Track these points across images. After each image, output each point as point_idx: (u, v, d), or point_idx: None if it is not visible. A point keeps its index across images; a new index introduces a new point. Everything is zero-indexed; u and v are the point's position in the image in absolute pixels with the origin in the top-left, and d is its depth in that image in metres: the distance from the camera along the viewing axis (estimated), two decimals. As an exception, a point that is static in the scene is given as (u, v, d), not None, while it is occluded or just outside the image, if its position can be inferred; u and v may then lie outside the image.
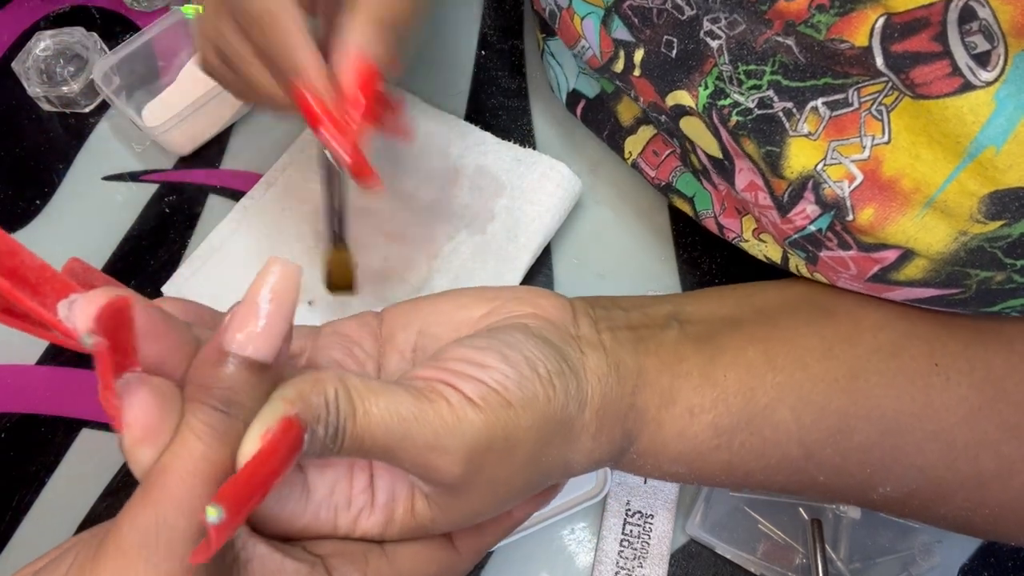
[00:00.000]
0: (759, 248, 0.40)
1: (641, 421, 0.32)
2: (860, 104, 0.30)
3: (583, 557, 0.44)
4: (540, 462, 0.29)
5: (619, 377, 0.31)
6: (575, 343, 0.31)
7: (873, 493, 0.35)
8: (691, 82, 0.35)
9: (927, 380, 0.33)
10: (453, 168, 0.50)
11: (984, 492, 0.34)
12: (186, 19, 0.51)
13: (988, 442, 0.33)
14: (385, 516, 0.28)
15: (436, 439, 0.25)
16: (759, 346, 0.34)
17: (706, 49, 0.34)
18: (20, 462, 0.45)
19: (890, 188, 0.31)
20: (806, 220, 0.33)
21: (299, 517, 0.27)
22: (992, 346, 0.34)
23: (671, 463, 0.33)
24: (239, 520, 0.21)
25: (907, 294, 0.34)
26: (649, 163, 0.46)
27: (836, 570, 0.43)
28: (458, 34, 0.56)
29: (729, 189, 0.37)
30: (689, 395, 0.33)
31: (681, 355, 0.33)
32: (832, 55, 0.30)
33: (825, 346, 0.34)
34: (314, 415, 0.23)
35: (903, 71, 0.29)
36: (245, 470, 0.22)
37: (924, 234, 0.31)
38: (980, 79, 0.27)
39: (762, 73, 0.32)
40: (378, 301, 0.46)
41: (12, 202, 0.51)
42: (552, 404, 0.28)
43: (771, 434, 0.33)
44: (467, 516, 0.29)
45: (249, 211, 0.48)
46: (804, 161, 0.32)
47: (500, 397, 0.27)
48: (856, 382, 0.33)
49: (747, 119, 0.33)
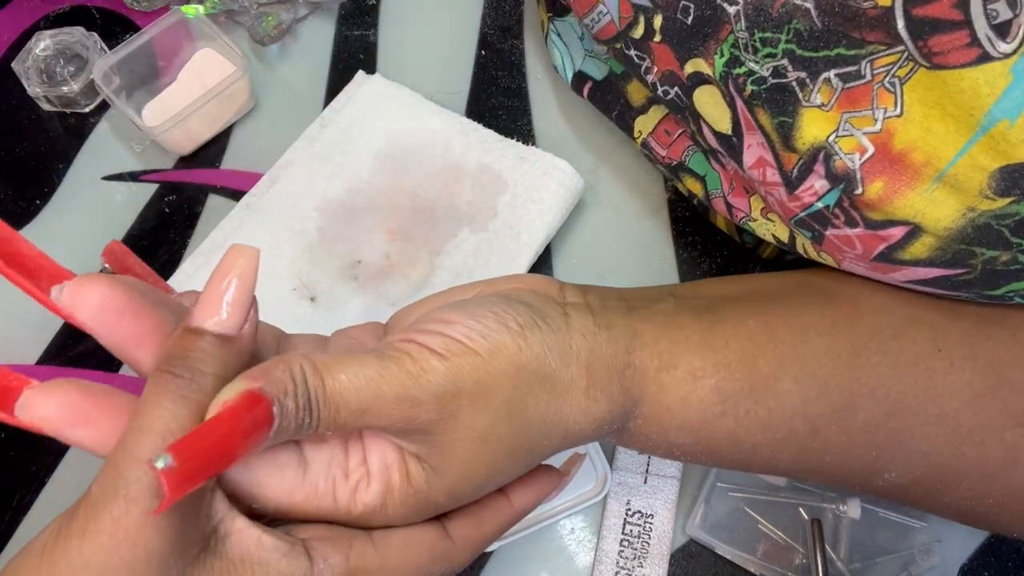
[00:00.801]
0: (767, 227, 0.40)
1: (642, 381, 0.32)
2: (873, 76, 0.30)
3: (583, 557, 0.44)
4: (526, 414, 0.29)
5: (610, 336, 0.31)
6: (559, 307, 0.31)
7: (878, 479, 0.35)
8: (707, 50, 0.35)
9: (930, 363, 0.33)
10: (456, 165, 0.50)
11: (989, 481, 0.34)
12: (186, 19, 0.51)
13: (993, 429, 0.33)
14: (382, 484, 0.28)
15: (405, 390, 0.26)
16: (759, 318, 0.34)
17: (723, 15, 0.33)
18: (20, 462, 0.45)
19: (901, 161, 0.30)
20: (813, 196, 0.33)
21: (297, 488, 0.27)
22: (996, 335, 0.34)
23: (677, 431, 0.33)
24: (195, 476, 0.22)
25: (912, 274, 0.33)
26: (661, 142, 0.45)
27: (836, 570, 0.43)
28: (458, 34, 0.57)
29: (736, 169, 0.37)
30: (690, 359, 0.32)
31: (679, 323, 0.33)
32: (852, 16, 0.30)
33: (826, 323, 0.34)
34: (280, 388, 0.24)
35: (921, 38, 0.29)
36: (200, 428, 0.23)
37: (932, 208, 0.31)
38: (999, 50, 0.27)
39: (777, 41, 0.32)
40: (379, 298, 0.46)
41: (12, 202, 0.51)
42: (524, 353, 0.29)
43: (775, 404, 0.33)
44: (463, 475, 0.28)
45: (252, 208, 0.48)
46: (816, 132, 0.32)
47: (463, 346, 0.28)
48: (858, 359, 0.33)
49: (761, 88, 0.33)
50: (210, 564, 0.25)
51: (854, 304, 0.35)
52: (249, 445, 0.23)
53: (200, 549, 0.25)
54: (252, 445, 0.24)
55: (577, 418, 0.30)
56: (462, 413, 0.27)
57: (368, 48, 0.56)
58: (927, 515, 0.44)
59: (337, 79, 0.55)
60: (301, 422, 0.25)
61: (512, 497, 0.32)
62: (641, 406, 0.32)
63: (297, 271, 0.47)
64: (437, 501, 0.29)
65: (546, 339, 0.30)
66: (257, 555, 0.25)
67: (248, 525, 0.26)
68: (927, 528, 0.44)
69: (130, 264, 0.29)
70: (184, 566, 0.24)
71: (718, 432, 0.33)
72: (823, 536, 0.43)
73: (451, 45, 0.56)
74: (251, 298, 0.26)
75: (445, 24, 0.57)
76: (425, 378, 0.27)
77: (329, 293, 0.46)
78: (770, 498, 0.44)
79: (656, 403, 0.32)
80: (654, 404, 0.32)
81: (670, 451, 0.34)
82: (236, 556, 0.25)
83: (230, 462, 0.23)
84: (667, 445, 0.33)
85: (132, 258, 0.30)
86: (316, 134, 0.51)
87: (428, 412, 0.27)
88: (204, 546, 0.25)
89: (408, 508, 0.28)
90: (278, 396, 0.24)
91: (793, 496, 0.44)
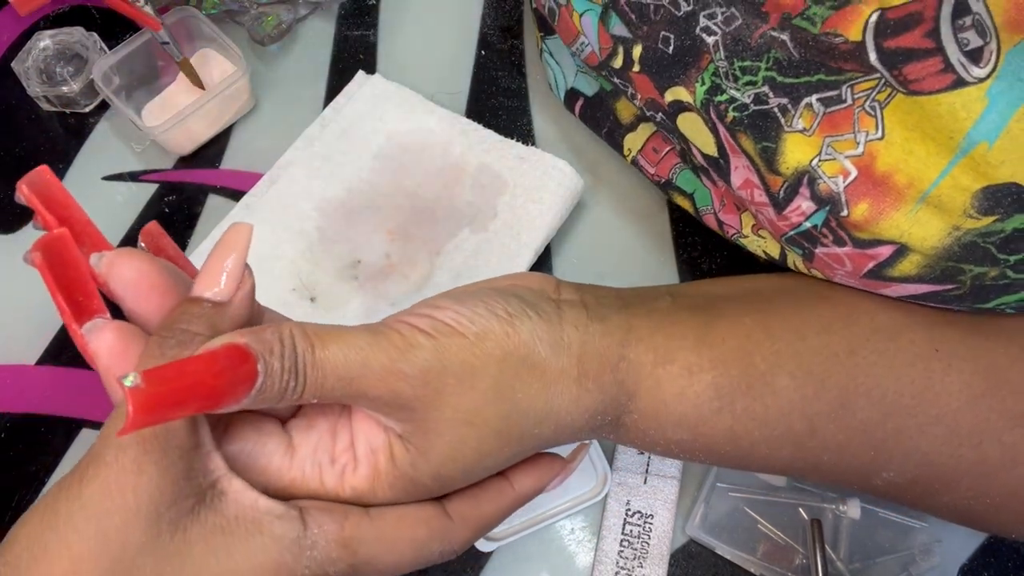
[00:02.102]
0: (758, 244, 0.40)
1: (637, 375, 0.32)
2: (854, 100, 0.31)
3: (583, 557, 0.44)
4: (514, 399, 0.29)
5: (604, 329, 0.32)
6: (553, 302, 0.32)
7: (876, 479, 0.35)
8: (688, 78, 0.35)
9: (927, 364, 0.33)
10: (456, 166, 0.50)
11: (987, 481, 0.34)
12: (187, 19, 0.51)
13: (991, 429, 0.33)
14: (370, 468, 0.28)
15: (392, 363, 0.27)
16: (756, 317, 0.34)
17: (702, 45, 0.34)
18: (20, 462, 0.45)
19: (884, 183, 0.31)
20: (801, 216, 0.34)
21: (285, 472, 0.28)
22: (993, 338, 0.34)
23: (674, 427, 0.33)
24: (163, 406, 0.23)
25: (902, 290, 0.34)
26: (649, 160, 0.46)
27: (836, 570, 0.43)
28: (458, 34, 0.57)
29: (727, 187, 0.37)
30: (687, 354, 0.32)
31: (675, 320, 0.33)
32: (826, 50, 0.30)
33: (822, 323, 0.34)
34: (266, 347, 0.25)
35: (896, 67, 0.29)
36: (176, 362, 0.24)
37: (918, 229, 0.31)
38: (972, 75, 0.28)
39: (757, 69, 0.32)
40: (379, 298, 0.46)
41: (12, 202, 0.51)
42: (512, 339, 0.29)
43: (773, 401, 0.33)
44: (448, 457, 0.28)
45: (252, 209, 0.48)
46: (799, 157, 0.32)
47: (451, 328, 0.29)
48: (855, 358, 0.33)
49: (743, 115, 0.33)
50: (204, 517, 0.26)
51: (851, 305, 0.35)
52: (229, 396, 0.24)
53: (195, 502, 0.25)
54: (232, 397, 0.24)
55: (569, 408, 0.30)
56: (447, 392, 0.28)
57: (368, 48, 0.56)
58: (927, 515, 0.44)
59: (337, 79, 0.55)
60: (286, 385, 0.26)
61: (513, 480, 0.32)
62: (636, 400, 0.32)
63: (297, 271, 0.47)
64: (424, 484, 0.29)
65: (535, 328, 0.30)
66: (251, 515, 0.26)
67: (246, 487, 0.26)
68: (927, 528, 0.44)
69: (164, 245, 0.32)
70: (177, 515, 0.25)
71: (716, 429, 0.33)
72: (823, 536, 0.43)
73: (451, 45, 0.56)
74: (242, 267, 0.27)
75: (445, 24, 0.57)
76: (412, 352, 0.27)
77: (329, 293, 0.46)
78: (770, 498, 0.44)
79: (652, 398, 0.32)
80: (650, 399, 0.32)
81: (668, 448, 0.34)
82: (231, 513, 0.26)
83: (205, 405, 0.24)
84: (665, 442, 0.34)
85: (166, 239, 0.32)
86: (316, 134, 0.51)
87: (413, 386, 0.27)
88: (199, 500, 0.26)
89: (396, 492, 0.29)
90: (263, 354, 0.25)
91: (793, 496, 0.44)
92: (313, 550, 0.27)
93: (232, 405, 0.25)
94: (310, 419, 0.30)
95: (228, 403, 0.25)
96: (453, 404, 0.28)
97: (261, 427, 0.29)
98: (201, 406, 0.24)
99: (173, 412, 0.23)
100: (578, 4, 0.40)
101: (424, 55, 0.56)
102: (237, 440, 0.28)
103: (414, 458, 0.28)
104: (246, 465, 0.28)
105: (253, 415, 0.29)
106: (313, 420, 0.30)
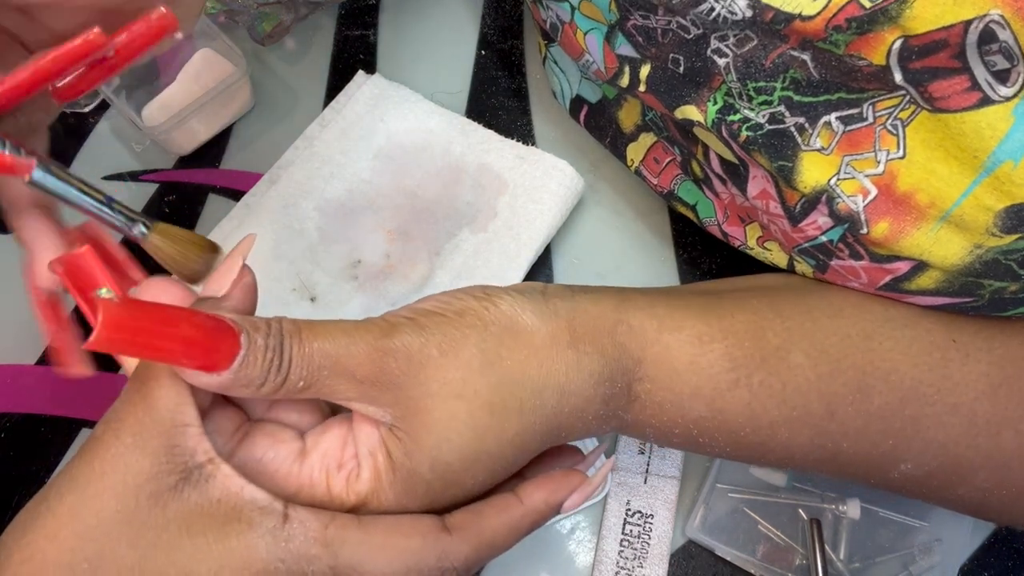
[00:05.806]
0: (764, 255, 0.40)
1: (641, 339, 0.32)
2: (875, 119, 0.30)
3: (583, 557, 0.44)
4: (503, 368, 0.29)
5: (593, 298, 0.32)
6: (536, 290, 0.32)
7: (894, 471, 0.34)
8: (699, 97, 0.35)
9: (944, 353, 0.33)
10: (456, 166, 0.50)
11: (1004, 472, 0.34)
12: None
13: (1009, 420, 0.33)
14: (371, 471, 0.29)
15: (376, 340, 0.28)
16: (763, 298, 0.34)
17: (713, 67, 0.33)
18: (20, 462, 0.45)
19: (905, 202, 0.31)
20: (818, 231, 0.33)
21: (294, 478, 0.29)
22: (1008, 330, 0.34)
23: (690, 398, 0.32)
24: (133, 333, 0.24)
25: (919, 301, 0.34)
26: (650, 170, 0.45)
27: (836, 570, 0.43)
28: (458, 34, 0.57)
29: (733, 197, 0.37)
30: (694, 323, 0.32)
31: (677, 294, 0.33)
32: (849, 71, 0.30)
33: (834, 308, 0.34)
34: (251, 325, 0.27)
35: (921, 84, 0.29)
36: (158, 303, 0.25)
37: (939, 247, 0.31)
38: (999, 94, 0.27)
39: (772, 89, 0.32)
40: (379, 298, 0.46)
41: (12, 202, 0.51)
42: (491, 312, 0.30)
43: (789, 378, 0.32)
44: (441, 437, 0.28)
45: (252, 208, 0.48)
46: (817, 176, 0.32)
47: (431, 311, 0.30)
48: (870, 342, 0.33)
49: (757, 134, 0.33)
50: (186, 495, 0.26)
51: (862, 296, 0.35)
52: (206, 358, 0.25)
53: (179, 480, 0.26)
54: (210, 360, 0.25)
55: (570, 374, 0.30)
56: (431, 365, 0.28)
57: (368, 48, 0.56)
58: (927, 515, 0.44)
59: (337, 79, 0.55)
60: (270, 363, 0.26)
61: (522, 494, 0.31)
62: (644, 366, 0.32)
63: (297, 271, 0.47)
64: (423, 476, 0.28)
65: (516, 301, 0.31)
66: (234, 500, 0.26)
67: (234, 474, 0.27)
68: (927, 528, 0.44)
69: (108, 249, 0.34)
70: (156, 490, 0.26)
71: (734, 403, 0.32)
72: (823, 536, 0.43)
73: (451, 45, 0.56)
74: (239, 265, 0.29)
75: (445, 24, 0.57)
76: (395, 331, 0.29)
77: (329, 293, 0.46)
78: (769, 499, 0.44)
79: (663, 363, 0.32)
80: (661, 365, 0.32)
81: (688, 430, 0.33)
82: (214, 495, 0.26)
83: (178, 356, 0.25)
84: (683, 419, 0.33)
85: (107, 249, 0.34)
86: (316, 134, 0.51)
87: (398, 360, 0.28)
88: (184, 478, 0.26)
89: (398, 493, 0.28)
90: (248, 329, 0.26)
91: (792, 497, 0.44)
92: (289, 542, 0.26)
93: (212, 374, 0.26)
94: (326, 426, 0.30)
95: (205, 365, 0.25)
96: (439, 378, 0.28)
97: (276, 435, 0.29)
98: (174, 356, 0.25)
99: (144, 346, 0.24)
100: (582, 23, 0.39)
101: (424, 55, 0.56)
102: (251, 448, 0.29)
103: (407, 446, 0.28)
104: (256, 471, 0.28)
105: (271, 426, 0.30)
106: (328, 426, 0.30)
